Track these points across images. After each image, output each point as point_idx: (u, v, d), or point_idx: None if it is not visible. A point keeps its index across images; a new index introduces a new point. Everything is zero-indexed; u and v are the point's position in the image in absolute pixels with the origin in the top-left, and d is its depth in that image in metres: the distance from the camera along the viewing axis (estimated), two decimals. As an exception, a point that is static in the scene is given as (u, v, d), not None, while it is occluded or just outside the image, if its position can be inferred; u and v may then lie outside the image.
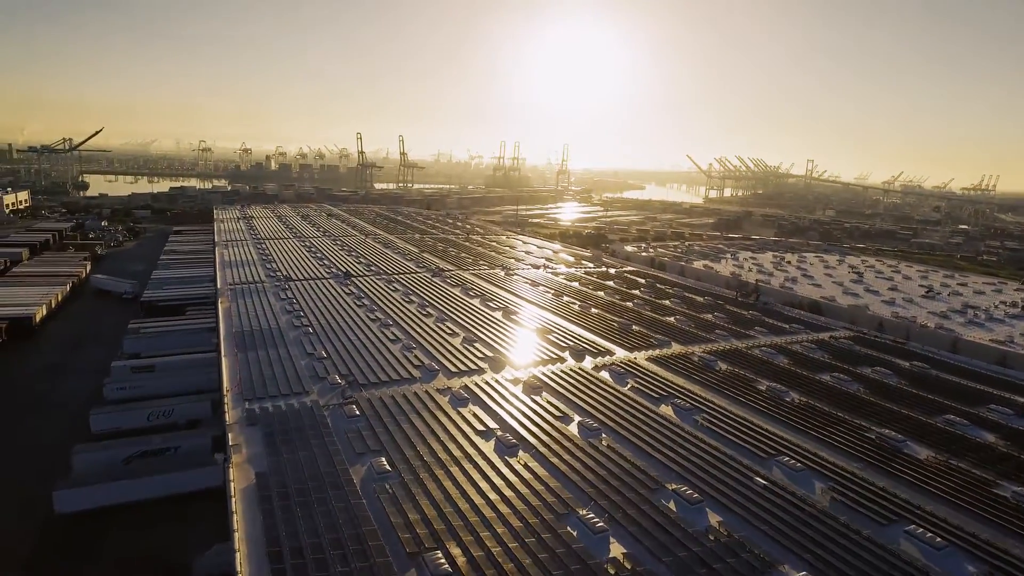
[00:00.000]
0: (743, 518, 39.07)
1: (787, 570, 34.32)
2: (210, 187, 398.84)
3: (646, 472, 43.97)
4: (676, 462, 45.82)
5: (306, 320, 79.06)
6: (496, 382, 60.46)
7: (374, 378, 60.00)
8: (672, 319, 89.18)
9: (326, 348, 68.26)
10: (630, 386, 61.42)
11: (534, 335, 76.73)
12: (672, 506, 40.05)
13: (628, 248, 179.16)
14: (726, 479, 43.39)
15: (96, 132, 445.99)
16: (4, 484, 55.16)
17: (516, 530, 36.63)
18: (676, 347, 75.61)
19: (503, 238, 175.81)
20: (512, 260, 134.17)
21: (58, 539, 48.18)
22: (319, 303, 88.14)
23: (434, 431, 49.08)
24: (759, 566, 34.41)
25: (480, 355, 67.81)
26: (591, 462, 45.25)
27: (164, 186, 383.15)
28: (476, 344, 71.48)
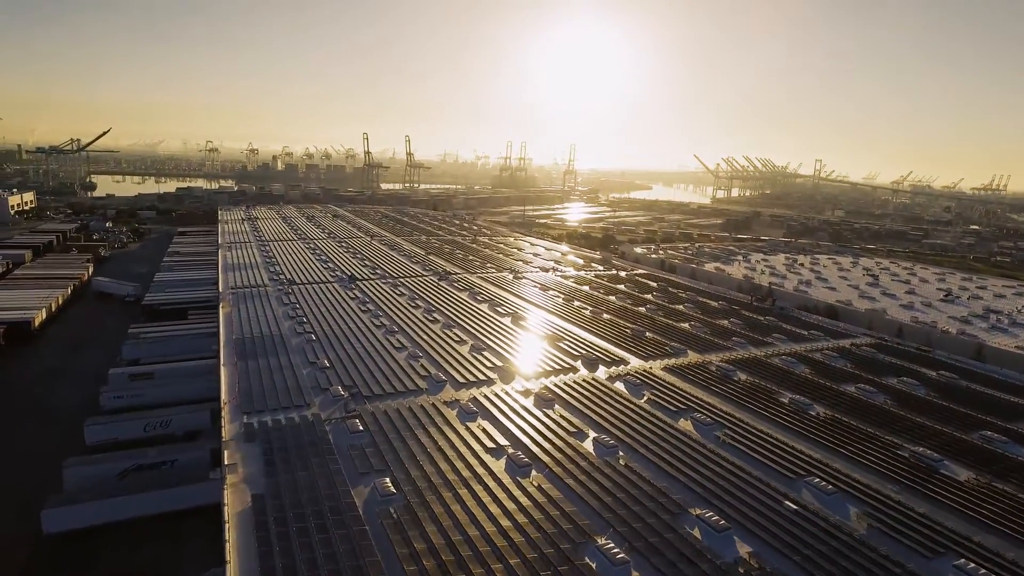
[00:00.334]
0: (775, 548, 36.24)
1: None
2: (217, 187, 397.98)
3: (668, 495, 41.19)
4: (699, 483, 43.02)
5: (309, 326, 76.63)
6: (506, 394, 57.79)
7: (378, 389, 57.43)
8: (687, 325, 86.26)
9: (329, 357, 65.77)
10: (646, 398, 58.62)
11: (544, 342, 74.02)
12: (697, 534, 37.28)
13: (637, 250, 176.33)
14: (753, 503, 40.56)
15: (103, 133, 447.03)
16: (-7, 500, 53.03)
17: (531, 562, 33.95)
18: (692, 356, 72.72)
19: (511, 240, 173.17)
20: (520, 263, 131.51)
21: (48, 558, 45.93)
22: (323, 308, 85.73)
23: (441, 448, 46.46)
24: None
25: (489, 364, 65.16)
26: (609, 483, 42.52)
27: (171, 186, 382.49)
28: (484, 352, 68.83)
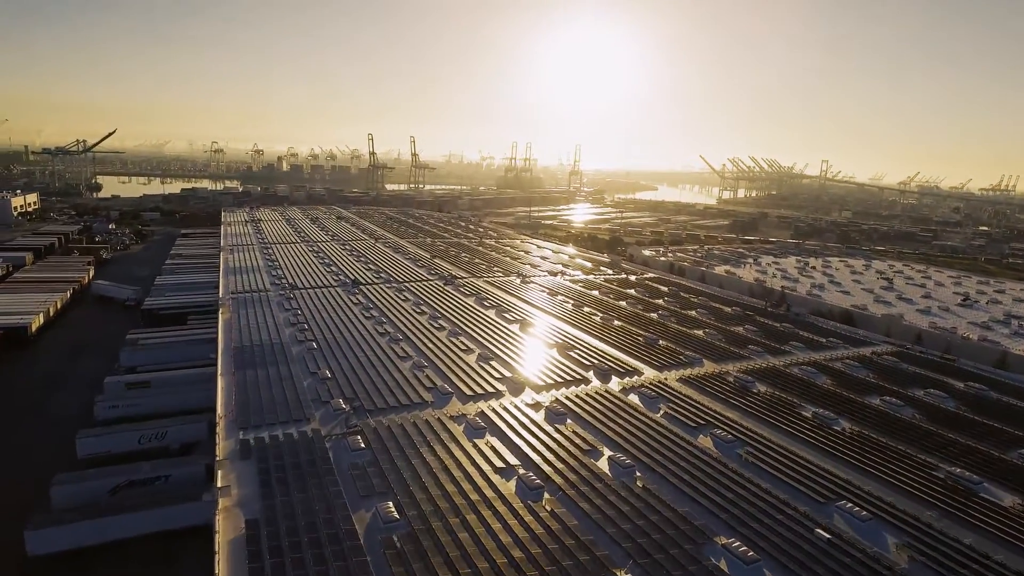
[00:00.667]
0: (809, 583, 33.50)
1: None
2: (221, 188, 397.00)
3: (690, 521, 38.44)
4: (723, 508, 40.25)
5: (311, 334, 74.16)
6: (515, 407, 55.13)
7: (381, 402, 54.85)
8: (701, 332, 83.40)
9: (330, 366, 63.25)
10: (663, 412, 55.85)
11: (554, 351, 71.31)
12: (724, 566, 34.52)
13: (646, 252, 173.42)
14: (783, 531, 37.77)
15: (109, 134, 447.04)
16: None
17: (545, 599, 31.33)
18: (709, 365, 69.89)
19: (517, 242, 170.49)
20: (527, 266, 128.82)
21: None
22: (325, 314, 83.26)
23: (448, 468, 43.82)
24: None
25: (497, 375, 62.49)
26: (626, 508, 39.81)
27: (176, 187, 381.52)
28: (492, 362, 66.18)
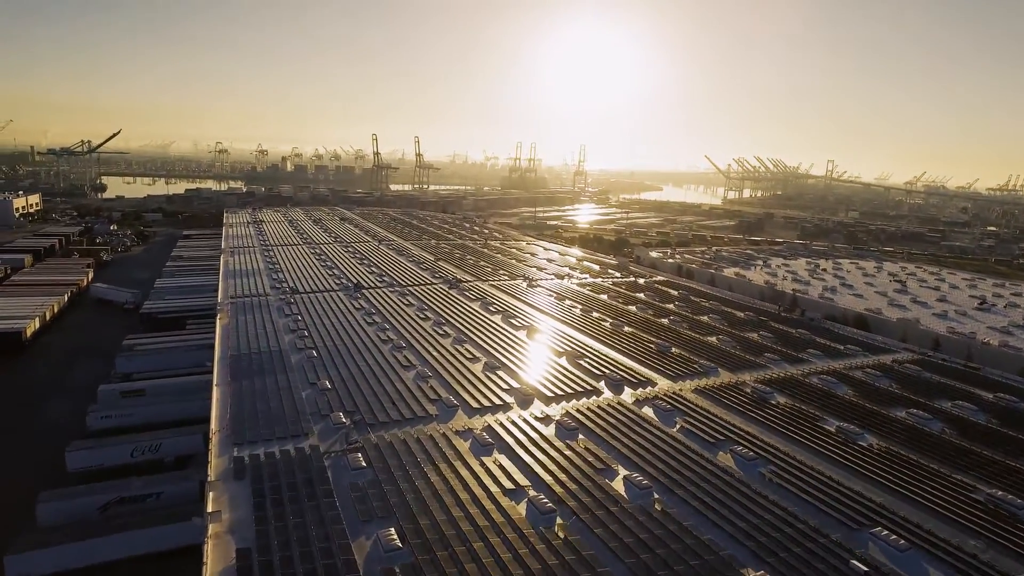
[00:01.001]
0: (847, 623, 30.76)
1: None
2: (226, 189, 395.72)
3: (715, 551, 35.70)
4: (749, 535, 37.49)
5: (311, 341, 71.65)
6: (524, 421, 52.45)
7: (384, 416, 52.26)
8: (714, 339, 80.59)
9: (331, 376, 60.69)
10: (679, 427, 53.10)
11: (564, 360, 68.59)
12: (754, 604, 31.84)
13: (653, 254, 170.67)
14: (816, 563, 34.99)
15: (114, 134, 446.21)
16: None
17: (560, 642, 28.66)
18: (724, 375, 67.09)
19: (523, 244, 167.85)
20: (534, 269, 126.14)
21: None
22: (326, 320, 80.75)
23: (453, 489, 41.18)
24: None
25: (504, 386, 59.82)
26: (645, 535, 37.10)
27: (181, 188, 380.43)
28: (499, 372, 63.52)
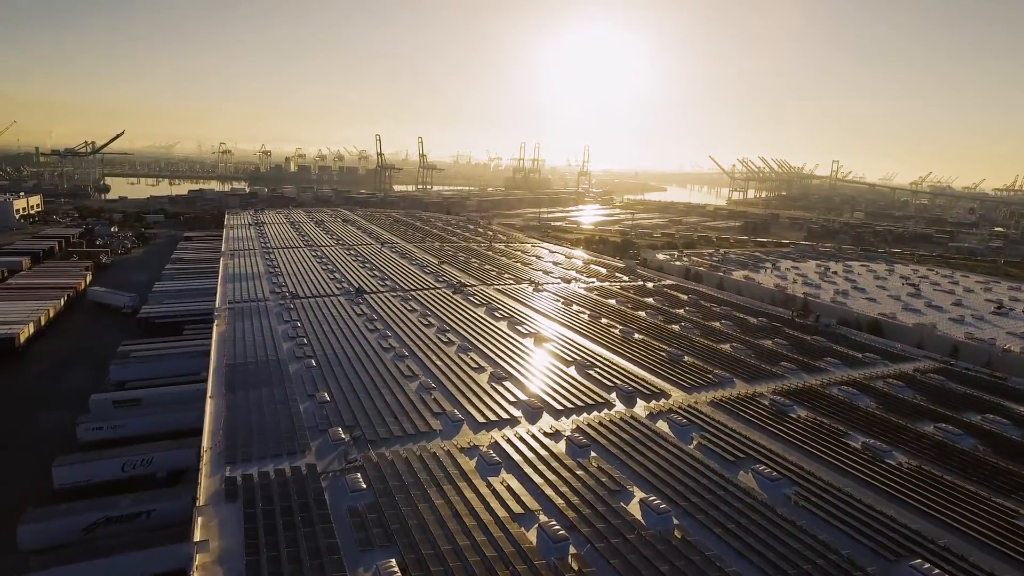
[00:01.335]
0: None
1: None
2: (229, 189, 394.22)
3: (741, 586, 33.02)
4: (778, 568, 34.75)
5: (310, 349, 69.09)
6: (533, 437, 49.79)
7: (384, 431, 49.63)
8: (727, 347, 77.79)
9: (330, 388, 58.10)
10: (696, 443, 50.35)
11: (573, 370, 65.87)
12: (788, 648, 29.11)
13: (660, 256, 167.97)
14: (852, 600, 32.30)
15: (117, 135, 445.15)
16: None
17: None
18: (740, 386, 64.30)
19: (527, 246, 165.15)
20: (540, 272, 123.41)
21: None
22: (326, 326, 78.19)
23: (459, 514, 38.54)
24: None
25: (511, 398, 57.16)
26: (665, 567, 34.40)
27: (184, 188, 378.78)
28: (506, 383, 60.85)
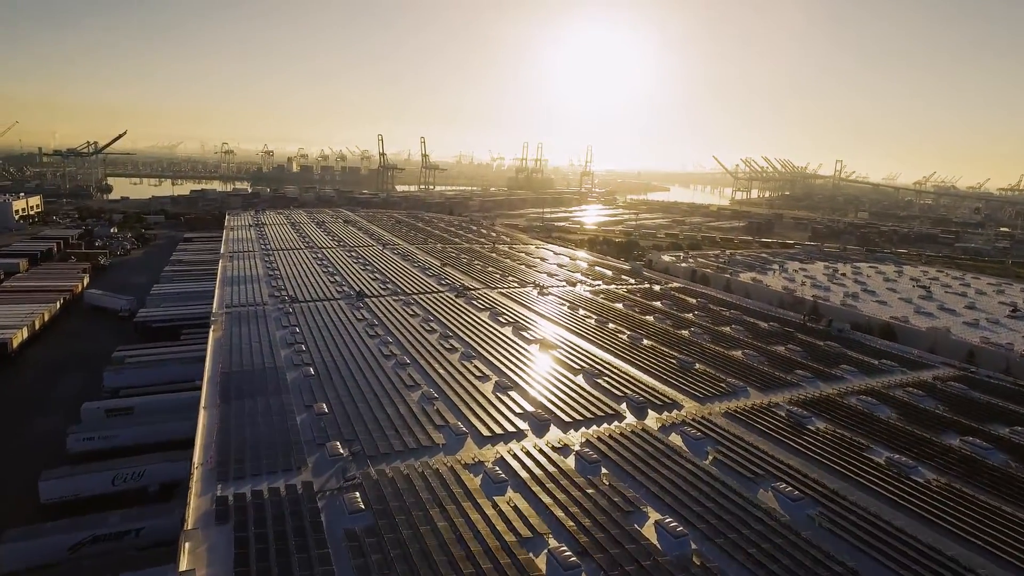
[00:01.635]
0: None
1: None
2: (231, 190, 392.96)
3: (768, 620, 30.63)
4: (806, 599, 32.38)
5: (308, 356, 66.77)
6: (540, 452, 47.41)
7: (385, 446, 47.28)
8: (739, 353, 75.33)
9: (328, 398, 55.77)
10: (711, 459, 47.91)
11: (581, 379, 63.41)
12: None
13: (665, 258, 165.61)
14: (889, 637, 29.88)
15: (119, 135, 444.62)
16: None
17: None
18: (755, 396, 61.85)
19: (531, 248, 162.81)
20: (544, 275, 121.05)
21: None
22: (326, 332, 75.93)
23: (463, 539, 36.17)
24: None
25: (518, 409, 54.77)
26: (685, 598, 32.06)
27: (186, 189, 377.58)
28: (511, 392, 58.47)
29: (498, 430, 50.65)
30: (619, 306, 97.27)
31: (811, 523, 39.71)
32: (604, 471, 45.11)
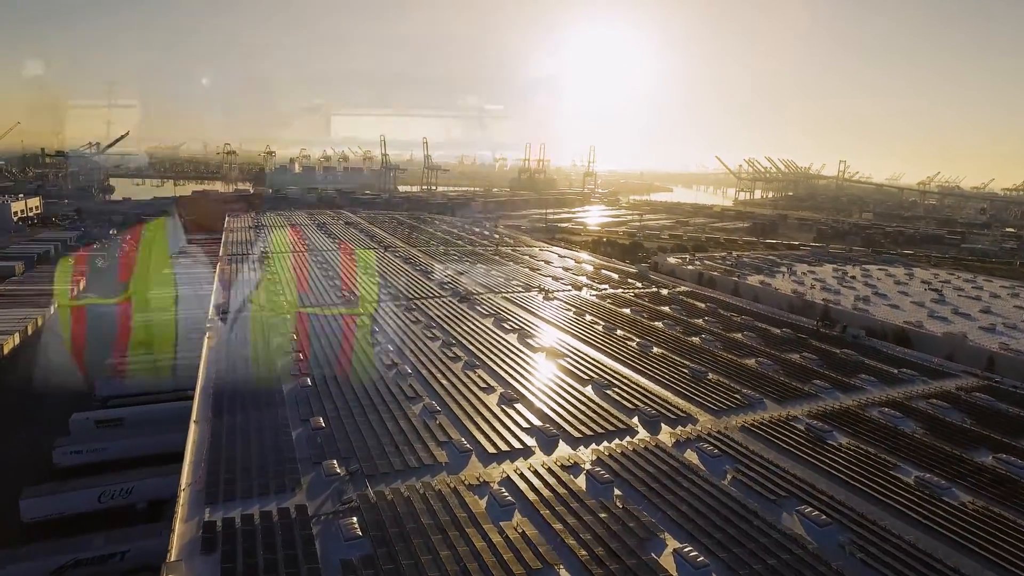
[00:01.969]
0: None
1: None
2: (233, 190, 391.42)
3: (803, 667, 27.96)
4: (842, 641, 29.70)
5: (306, 366, 64.18)
6: (548, 471, 44.75)
7: (384, 464, 44.69)
8: (753, 362, 72.61)
9: (326, 411, 53.18)
10: (730, 478, 45.23)
11: (589, 390, 60.78)
12: None
13: (671, 260, 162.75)
14: None
15: (122, 136, 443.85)
16: None
17: None
18: (772, 408, 59.13)
19: (535, 250, 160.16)
20: (549, 278, 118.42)
21: None
22: (324, 340, 73.37)
23: (468, 572, 33.59)
24: None
25: (524, 423, 52.14)
26: (710, 640, 29.40)
27: (189, 190, 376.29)
28: (517, 405, 55.84)
29: (504, 447, 48.01)
30: (627, 311, 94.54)
31: (842, 552, 37.02)
32: (617, 492, 42.43)
